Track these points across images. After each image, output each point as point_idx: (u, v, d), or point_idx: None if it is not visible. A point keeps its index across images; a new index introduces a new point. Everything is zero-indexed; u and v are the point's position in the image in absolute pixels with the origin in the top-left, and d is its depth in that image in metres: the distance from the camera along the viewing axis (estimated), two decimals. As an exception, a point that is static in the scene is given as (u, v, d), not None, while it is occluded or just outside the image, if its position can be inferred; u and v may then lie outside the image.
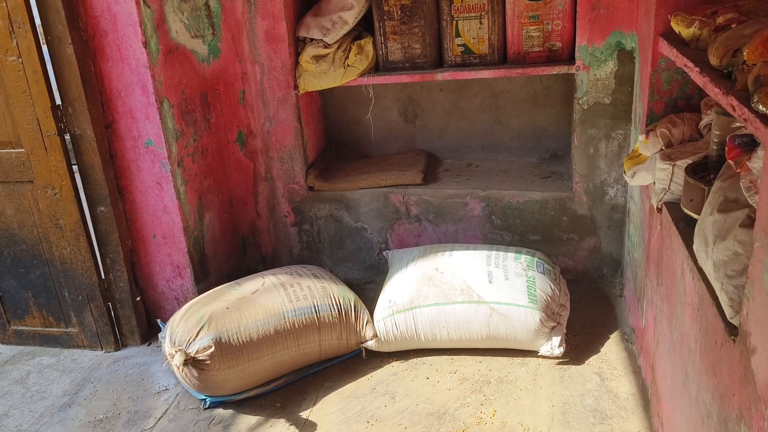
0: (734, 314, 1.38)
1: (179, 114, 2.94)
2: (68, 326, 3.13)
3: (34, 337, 3.19)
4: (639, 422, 2.33)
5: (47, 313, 3.13)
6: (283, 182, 3.45)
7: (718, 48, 1.54)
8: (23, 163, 2.85)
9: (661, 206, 2.10)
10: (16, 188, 2.92)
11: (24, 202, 2.93)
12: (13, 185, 2.91)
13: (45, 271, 3.04)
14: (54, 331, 3.16)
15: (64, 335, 3.14)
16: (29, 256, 3.04)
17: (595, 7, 2.81)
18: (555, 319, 2.67)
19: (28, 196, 2.91)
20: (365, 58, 3.19)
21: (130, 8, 2.64)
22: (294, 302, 2.72)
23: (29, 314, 3.16)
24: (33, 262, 3.04)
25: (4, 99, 2.76)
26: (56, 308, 3.10)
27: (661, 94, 2.35)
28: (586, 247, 3.24)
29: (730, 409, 1.36)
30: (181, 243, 3.02)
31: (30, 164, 2.84)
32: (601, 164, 3.07)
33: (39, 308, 3.13)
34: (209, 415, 2.58)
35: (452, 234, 3.36)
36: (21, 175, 2.87)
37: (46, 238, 2.97)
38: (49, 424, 2.63)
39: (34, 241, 2.99)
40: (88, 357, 3.09)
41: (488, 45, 3.10)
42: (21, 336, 3.21)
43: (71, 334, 3.14)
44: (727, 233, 1.42)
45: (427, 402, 2.54)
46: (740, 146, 1.43)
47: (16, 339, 3.23)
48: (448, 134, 3.66)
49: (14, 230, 3.01)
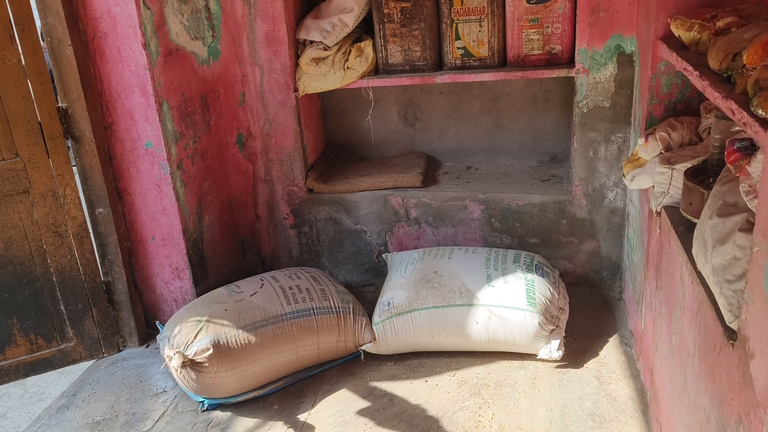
0: (733, 318, 1.38)
1: (179, 116, 2.94)
2: (62, 342, 2.99)
3: (17, 369, 2.93)
4: (637, 426, 2.32)
5: (35, 335, 2.94)
6: (283, 184, 3.44)
7: (717, 52, 1.55)
8: (17, 173, 2.72)
9: (661, 210, 2.10)
10: (4, 203, 2.74)
11: (14, 216, 2.76)
12: (0, 200, 2.74)
13: (35, 288, 2.87)
14: (44, 353, 2.97)
15: (57, 354, 2.99)
16: (16, 277, 2.83)
17: (595, 10, 2.81)
18: (554, 322, 2.67)
19: (19, 209, 2.77)
20: (365, 61, 3.19)
21: (130, 10, 2.64)
22: (293, 305, 2.72)
23: (11, 344, 2.90)
24: (21, 282, 2.84)
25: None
26: (47, 327, 2.94)
27: (660, 98, 2.36)
28: (586, 251, 3.23)
29: (729, 414, 1.36)
30: (180, 245, 3.01)
31: (26, 173, 2.73)
32: (600, 167, 3.06)
33: (25, 333, 2.91)
34: (207, 418, 2.58)
35: (451, 237, 3.36)
36: (13, 186, 2.73)
37: (39, 252, 2.84)
38: (46, 425, 2.62)
39: (24, 258, 2.81)
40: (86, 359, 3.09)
41: (488, 48, 3.10)
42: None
43: (65, 351, 3.01)
44: (727, 237, 1.42)
45: (425, 405, 2.53)
46: (740, 150, 1.43)
47: None
48: (448, 137, 3.66)
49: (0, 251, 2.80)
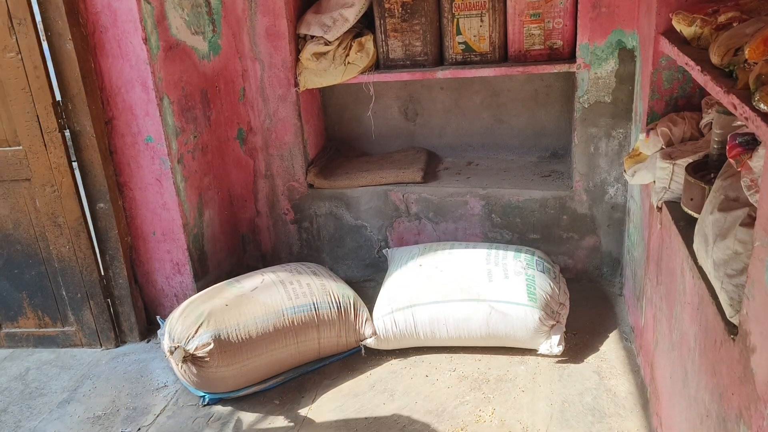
0: (734, 313, 1.38)
1: (179, 111, 2.94)
2: (65, 325, 3.11)
3: (28, 338, 3.15)
4: (638, 421, 2.33)
5: (43, 313, 3.10)
6: (283, 180, 3.44)
7: (719, 47, 1.54)
8: (20, 161, 2.82)
9: (662, 205, 2.10)
10: (11, 187, 2.88)
11: (20, 201, 2.90)
12: (8, 184, 2.88)
13: (41, 270, 3.01)
14: (50, 331, 3.12)
15: (61, 335, 3.12)
16: (24, 257, 3.00)
17: (597, 5, 2.80)
18: (554, 317, 2.67)
19: (24, 195, 2.89)
20: (366, 56, 3.19)
21: (130, 4, 2.63)
22: (293, 300, 2.72)
23: (23, 316, 3.12)
24: (28, 262, 3.01)
25: (1, 97, 2.74)
26: (52, 308, 3.08)
27: (661, 93, 2.35)
28: (586, 246, 3.24)
29: (730, 409, 1.36)
30: (181, 240, 3.01)
31: (27, 162, 2.82)
32: (601, 163, 3.06)
33: (34, 309, 3.09)
34: (208, 412, 2.58)
35: (452, 232, 3.36)
36: (17, 173, 2.85)
37: (43, 237, 2.95)
38: (47, 420, 2.63)
39: (30, 240, 2.96)
40: (87, 353, 3.09)
41: (489, 43, 3.10)
42: (14, 339, 3.17)
43: (68, 333, 3.12)
44: (728, 232, 1.42)
45: (425, 400, 2.54)
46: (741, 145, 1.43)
47: (8, 342, 3.18)
48: (449, 132, 3.66)
49: (8, 230, 2.97)
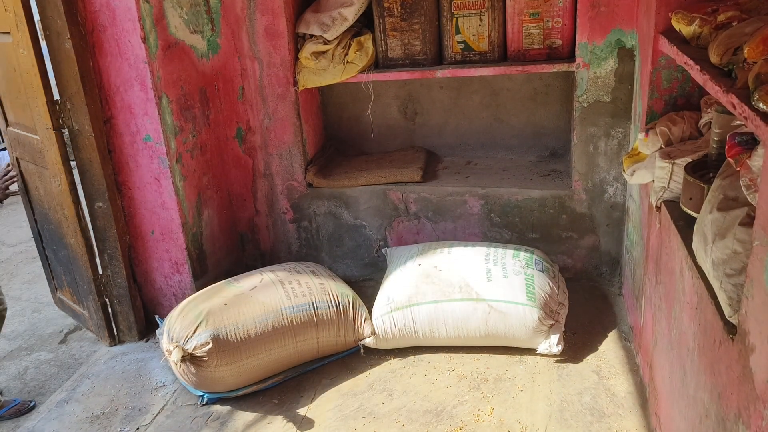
0: (733, 313, 1.38)
1: (178, 110, 2.93)
2: (84, 308, 3.19)
3: (68, 308, 3.32)
4: (636, 420, 2.33)
5: (72, 292, 3.21)
6: (282, 179, 3.44)
7: (718, 46, 1.54)
8: (39, 150, 2.89)
9: (661, 204, 2.10)
10: (42, 172, 2.97)
11: (47, 185, 2.98)
12: (40, 168, 2.97)
13: (68, 253, 3.09)
14: (77, 309, 3.24)
15: (82, 315, 3.22)
16: (56, 237, 3.11)
17: (596, 4, 2.80)
18: (553, 317, 2.67)
19: (48, 181, 2.95)
20: (365, 55, 3.18)
21: (129, 3, 2.63)
22: (292, 299, 2.72)
23: (63, 288, 3.28)
24: (60, 243, 3.11)
25: (24, 87, 2.79)
26: (75, 289, 3.18)
27: (661, 92, 2.35)
28: (585, 246, 3.23)
29: (729, 408, 1.36)
30: (180, 239, 3.01)
31: (42, 153, 2.87)
32: (600, 162, 3.06)
33: (69, 285, 3.22)
34: (207, 412, 2.58)
35: (451, 231, 3.35)
36: (41, 160, 2.92)
37: (60, 225, 3.01)
38: (46, 419, 2.63)
39: (57, 223, 3.05)
40: (85, 353, 3.09)
41: (488, 42, 3.09)
42: (62, 304, 3.36)
43: (85, 317, 3.20)
44: (727, 232, 1.42)
45: (424, 399, 2.53)
46: (740, 144, 1.42)
47: (60, 306, 3.38)
48: (448, 132, 3.66)
49: (45, 210, 3.09)
